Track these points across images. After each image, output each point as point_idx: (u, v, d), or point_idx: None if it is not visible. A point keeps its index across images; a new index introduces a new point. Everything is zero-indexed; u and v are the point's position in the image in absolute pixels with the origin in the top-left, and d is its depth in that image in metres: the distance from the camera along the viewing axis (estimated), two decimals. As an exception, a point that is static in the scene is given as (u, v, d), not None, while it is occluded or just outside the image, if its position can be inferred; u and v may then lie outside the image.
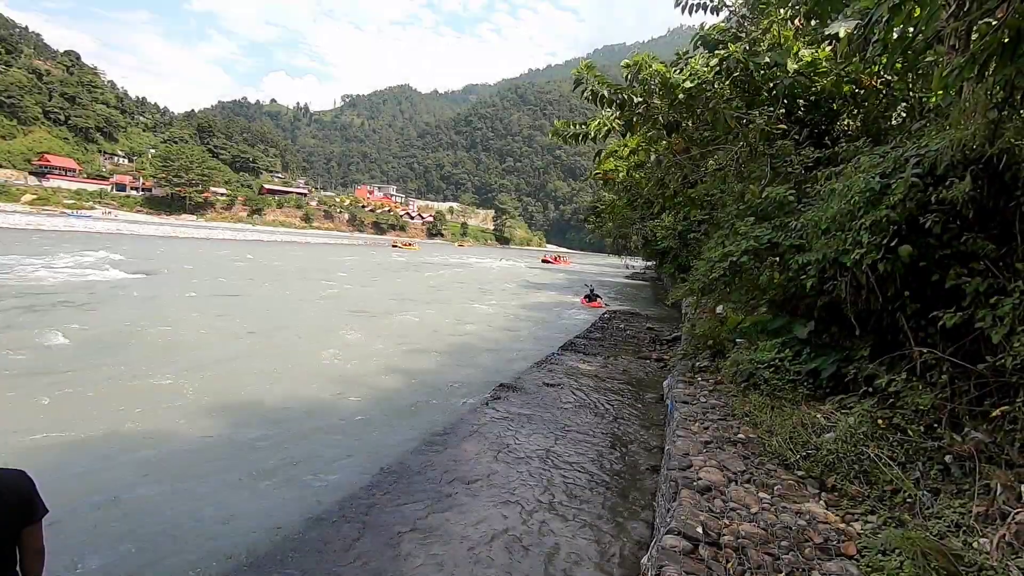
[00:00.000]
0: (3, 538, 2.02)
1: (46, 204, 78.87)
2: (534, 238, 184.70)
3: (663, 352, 12.71)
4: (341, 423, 7.43)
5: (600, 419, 7.83)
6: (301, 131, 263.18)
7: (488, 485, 5.52)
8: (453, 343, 13.54)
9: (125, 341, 11.09)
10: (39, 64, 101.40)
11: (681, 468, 3.92)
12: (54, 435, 6.28)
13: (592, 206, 41.71)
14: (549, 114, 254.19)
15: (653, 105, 9.28)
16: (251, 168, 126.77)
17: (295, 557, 4.19)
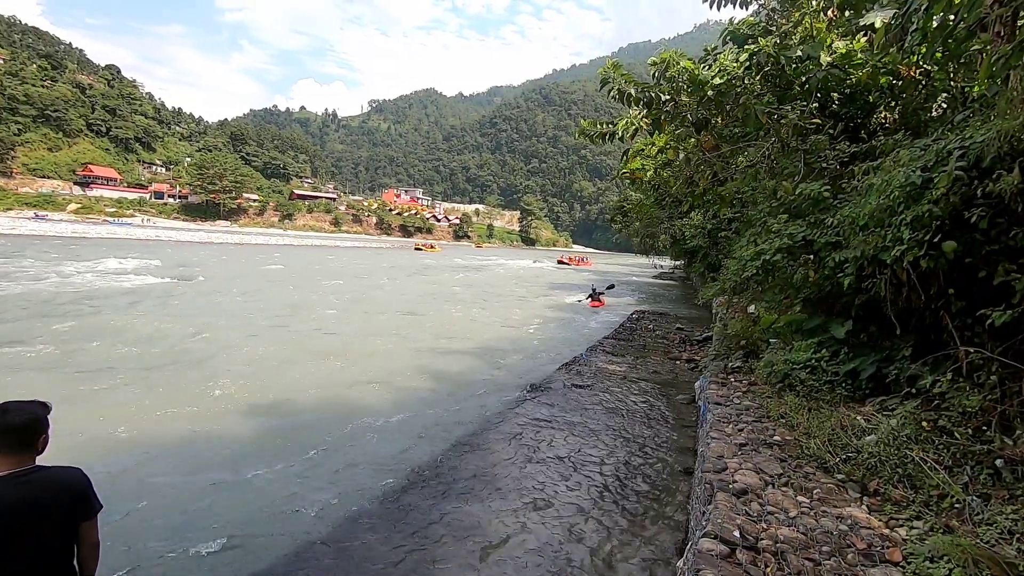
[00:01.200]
0: (62, 533, 2.12)
1: (90, 212, 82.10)
2: (560, 239, 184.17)
3: (693, 353, 12.53)
4: (374, 423, 7.54)
5: (630, 420, 7.76)
6: (329, 137, 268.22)
7: (519, 486, 5.52)
8: (481, 345, 13.60)
9: (166, 342, 11.47)
10: (82, 78, 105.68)
11: (716, 471, 3.86)
12: (106, 433, 6.53)
13: (619, 206, 41.34)
14: (574, 114, 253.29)
15: (681, 103, 9.15)
16: (282, 174, 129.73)
17: (335, 553, 4.26)
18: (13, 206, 74.59)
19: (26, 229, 54.33)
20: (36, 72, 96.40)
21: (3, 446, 2.00)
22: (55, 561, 2.12)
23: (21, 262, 25.56)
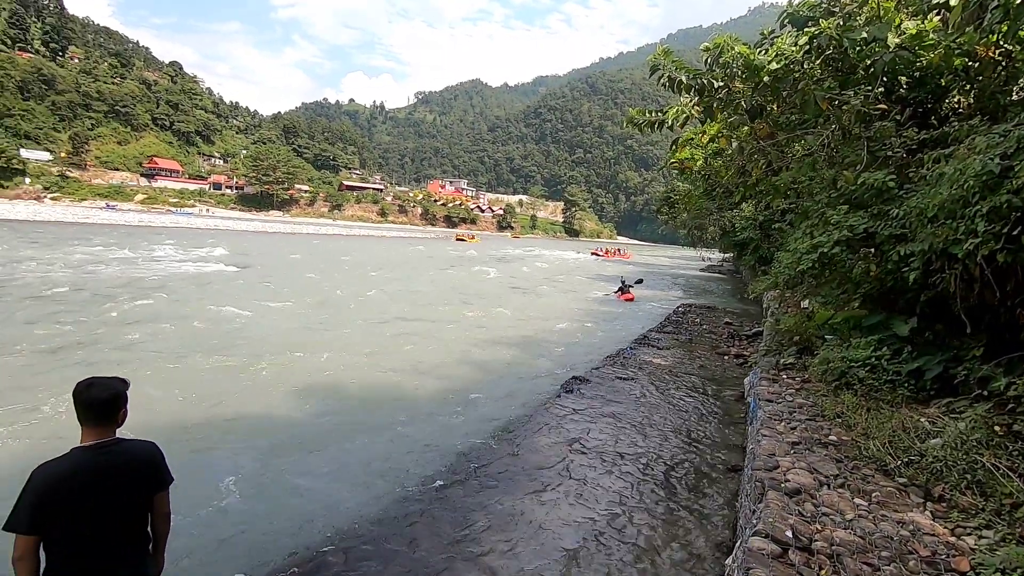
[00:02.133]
0: (139, 502, 2.27)
1: (155, 203, 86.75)
2: (604, 230, 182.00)
3: (742, 348, 12.18)
4: (418, 410, 7.71)
5: (675, 415, 7.63)
6: (377, 128, 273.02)
7: (561, 477, 5.53)
8: (523, 335, 13.64)
9: (228, 326, 12.04)
10: (148, 75, 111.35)
11: (767, 469, 3.75)
12: (168, 413, 6.94)
13: (665, 196, 40.42)
14: (621, 103, 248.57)
15: (735, 89, 8.83)
16: (331, 166, 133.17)
17: (379, 536, 4.39)
18: (87, 196, 79.61)
19: (99, 218, 58.01)
20: (107, 70, 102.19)
21: (89, 418, 2.15)
22: (134, 527, 2.27)
23: (97, 250, 27.32)
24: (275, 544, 4.29)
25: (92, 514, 2.10)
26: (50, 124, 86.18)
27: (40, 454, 2.29)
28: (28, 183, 74.97)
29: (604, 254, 62.60)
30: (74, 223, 50.24)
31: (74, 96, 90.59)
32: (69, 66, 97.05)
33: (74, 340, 10.19)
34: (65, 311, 12.56)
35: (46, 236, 33.57)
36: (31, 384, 7.64)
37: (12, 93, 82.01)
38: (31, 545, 2.02)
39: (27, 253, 23.57)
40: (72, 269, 19.69)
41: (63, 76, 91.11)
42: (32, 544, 2.02)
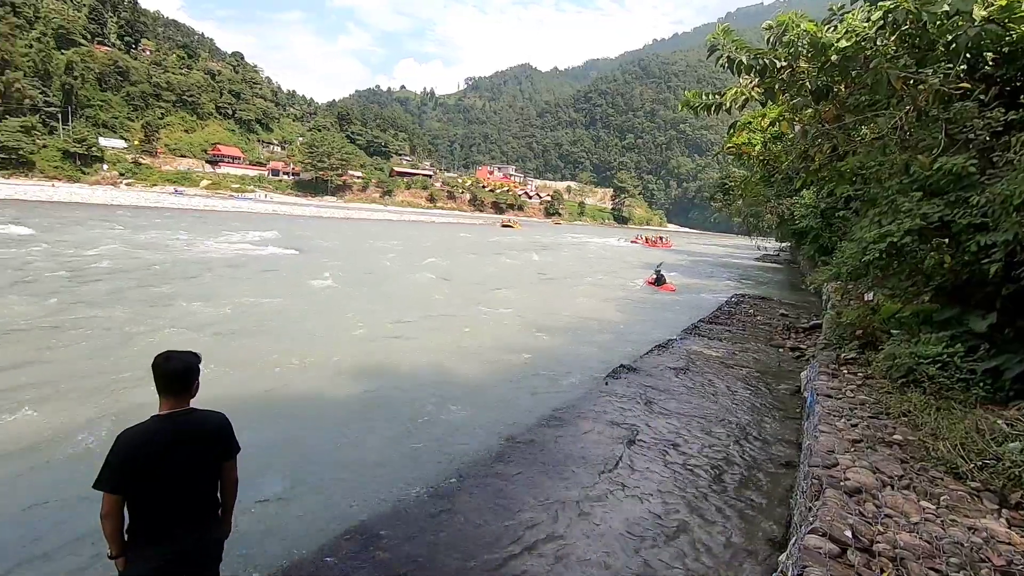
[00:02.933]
0: (210, 469, 2.43)
1: (218, 188, 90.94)
2: (654, 217, 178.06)
3: (799, 341, 11.71)
4: (464, 393, 7.83)
5: (726, 407, 7.45)
6: (427, 115, 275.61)
7: (607, 465, 5.51)
8: (569, 322, 13.59)
9: (282, 308, 12.57)
10: (212, 65, 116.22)
11: (825, 466, 3.61)
12: (228, 387, 7.32)
13: (720, 183, 39.03)
14: (674, 86, 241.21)
15: (799, 69, 8.38)
16: (383, 152, 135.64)
17: (427, 515, 4.52)
18: (158, 182, 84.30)
19: (168, 203, 61.43)
20: (175, 61, 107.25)
21: (166, 389, 2.31)
22: (205, 491, 2.44)
23: (166, 232, 28.99)
24: (327, 519, 4.47)
25: (168, 477, 2.26)
26: (125, 114, 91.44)
27: (124, 421, 2.46)
28: (106, 169, 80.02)
29: (644, 242, 58.51)
30: (146, 207, 53.43)
31: (146, 87, 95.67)
32: (141, 58, 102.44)
33: (150, 315, 10.88)
34: (137, 288, 13.42)
35: (123, 219, 35.84)
36: (112, 355, 8.22)
37: (92, 85, 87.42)
38: (116, 503, 2.20)
39: (112, 234, 25.27)
40: (146, 250, 20.98)
41: (136, 68, 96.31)
42: (117, 502, 2.20)
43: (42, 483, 4.78)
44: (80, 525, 4.02)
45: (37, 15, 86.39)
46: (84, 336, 9.22)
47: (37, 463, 5.11)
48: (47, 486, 4.71)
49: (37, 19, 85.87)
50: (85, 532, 3.91)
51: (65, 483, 4.69)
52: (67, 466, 5.05)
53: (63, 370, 7.53)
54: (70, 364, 7.81)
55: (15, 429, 5.70)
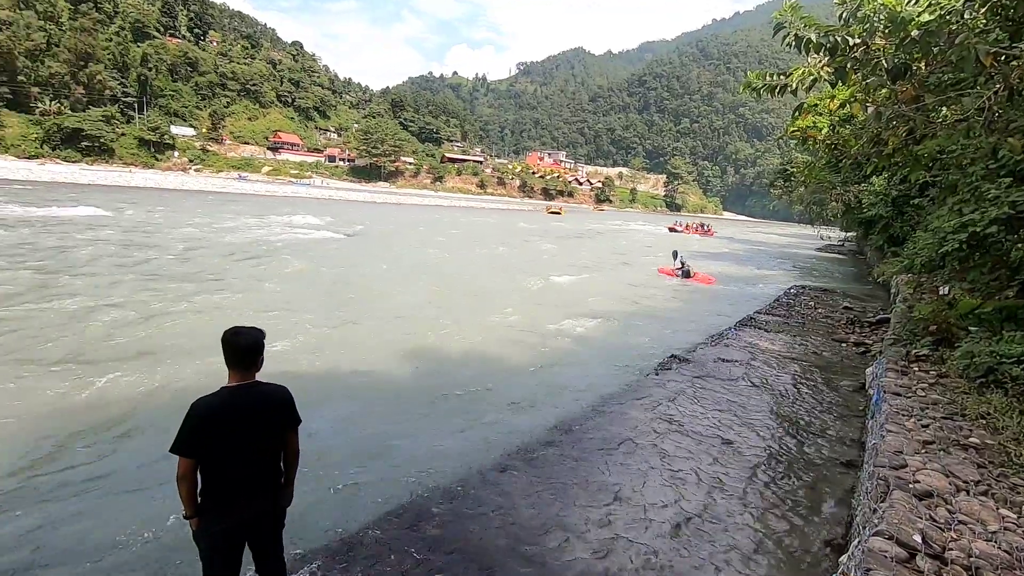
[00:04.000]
0: (274, 438, 2.57)
1: (278, 174, 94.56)
2: (709, 204, 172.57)
3: (864, 336, 11.13)
4: (512, 378, 7.89)
5: (782, 402, 7.19)
6: (478, 101, 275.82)
7: (656, 455, 5.44)
8: (619, 310, 13.42)
9: (336, 290, 13.00)
10: (274, 55, 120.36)
11: (892, 467, 3.44)
12: (289, 363, 7.66)
13: (781, 169, 37.36)
14: (734, 68, 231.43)
15: (875, 47, 7.85)
16: (434, 138, 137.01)
17: (477, 495, 4.60)
18: (223, 168, 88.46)
19: (232, 188, 64.53)
20: (240, 51, 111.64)
21: (234, 362, 2.45)
22: (269, 459, 2.58)
23: (232, 216, 30.47)
24: (379, 494, 4.62)
25: (235, 445, 2.41)
26: (194, 103, 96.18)
27: (198, 390, 2.62)
28: (177, 156, 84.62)
29: (684, 229, 53.67)
30: (213, 192, 56.25)
31: (213, 77, 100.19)
32: (209, 49, 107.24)
33: (221, 292, 11.50)
34: (208, 266, 14.20)
35: (192, 203, 37.90)
36: (183, 327, 8.76)
37: (164, 75, 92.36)
38: (190, 467, 2.36)
39: (184, 217, 26.81)
40: (215, 232, 22.14)
41: (204, 58, 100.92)
42: (190, 466, 2.37)
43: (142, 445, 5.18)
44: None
45: (116, 10, 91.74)
46: (164, 309, 9.84)
47: (137, 422, 5.53)
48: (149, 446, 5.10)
49: (116, 14, 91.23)
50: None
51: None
52: (153, 429, 5.44)
53: (144, 340, 8.08)
54: (147, 336, 8.37)
55: (120, 389, 6.18)
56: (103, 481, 4.58)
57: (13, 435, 5.18)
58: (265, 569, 2.69)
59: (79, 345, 7.80)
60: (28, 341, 7.78)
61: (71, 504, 4.22)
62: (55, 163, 67.01)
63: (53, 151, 69.62)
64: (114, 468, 4.78)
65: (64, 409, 5.83)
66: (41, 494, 4.32)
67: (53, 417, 5.62)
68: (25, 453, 4.89)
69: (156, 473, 4.57)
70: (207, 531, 2.45)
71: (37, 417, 5.59)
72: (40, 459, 4.83)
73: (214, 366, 6.57)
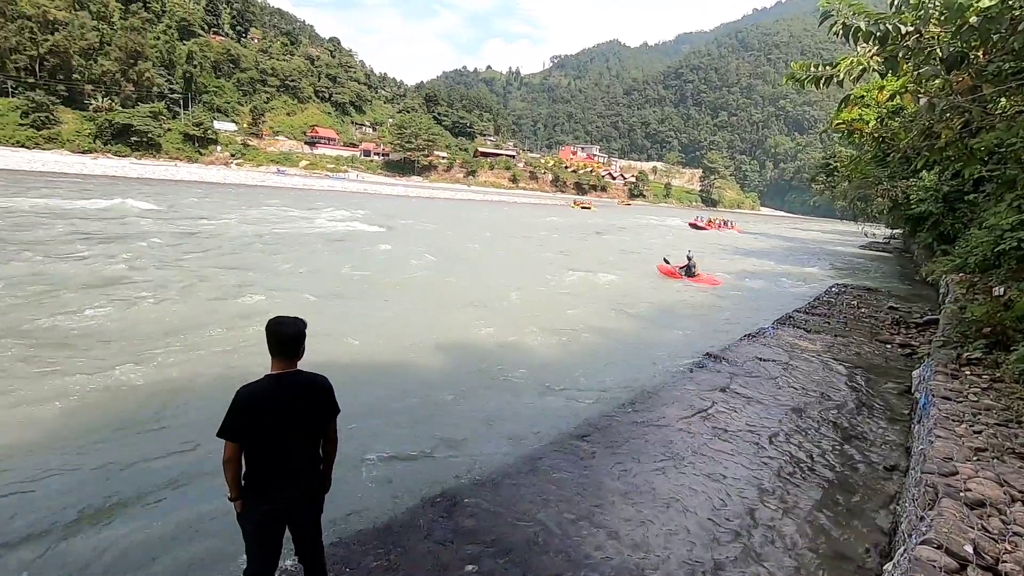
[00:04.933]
0: (315, 425, 2.63)
1: (315, 168, 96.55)
2: (746, 200, 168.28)
3: (910, 337, 10.71)
4: (545, 371, 7.88)
5: (822, 403, 6.99)
6: (512, 95, 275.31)
7: (692, 455, 5.37)
8: (653, 305, 13.25)
9: (372, 281, 13.23)
10: (312, 51, 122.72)
11: (942, 474, 3.31)
12: (328, 352, 7.83)
13: (823, 163, 36.10)
14: (775, 59, 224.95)
15: (929, 34, 7.50)
16: (467, 133, 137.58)
17: (511, 489, 4.63)
18: (263, 163, 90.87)
19: (271, 182, 66.21)
20: (280, 48, 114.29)
21: (278, 351, 2.52)
22: (310, 446, 2.66)
23: (272, 209, 31.29)
24: (415, 483, 4.70)
25: (277, 431, 2.49)
26: (235, 99, 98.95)
27: (243, 377, 2.71)
28: (219, 151, 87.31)
29: (705, 225, 50.12)
30: (253, 185, 57.85)
31: (254, 73, 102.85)
32: (250, 46, 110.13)
33: (264, 282, 11.86)
34: (248, 258, 14.63)
35: (233, 196, 39.07)
36: (226, 313, 9.06)
37: (208, 72, 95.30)
38: (235, 451, 2.45)
39: (225, 210, 27.71)
40: (255, 225, 22.78)
41: (245, 55, 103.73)
42: (235, 450, 2.45)
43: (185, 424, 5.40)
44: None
45: (163, 9, 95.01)
46: (207, 298, 10.21)
47: (183, 404, 5.77)
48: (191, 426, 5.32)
49: (164, 13, 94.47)
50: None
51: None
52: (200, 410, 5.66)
53: (192, 323, 8.40)
54: (194, 319, 8.69)
55: (172, 372, 6.47)
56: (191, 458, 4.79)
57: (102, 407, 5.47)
58: (303, 552, 2.78)
59: (136, 330, 8.16)
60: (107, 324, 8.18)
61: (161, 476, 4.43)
62: (107, 157, 70.00)
63: (105, 146, 72.80)
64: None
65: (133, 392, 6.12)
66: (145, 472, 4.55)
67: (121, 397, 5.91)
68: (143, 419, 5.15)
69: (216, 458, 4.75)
70: (250, 513, 2.54)
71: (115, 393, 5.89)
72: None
73: (258, 354, 6.79)
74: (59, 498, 4.14)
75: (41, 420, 5.33)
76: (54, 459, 4.67)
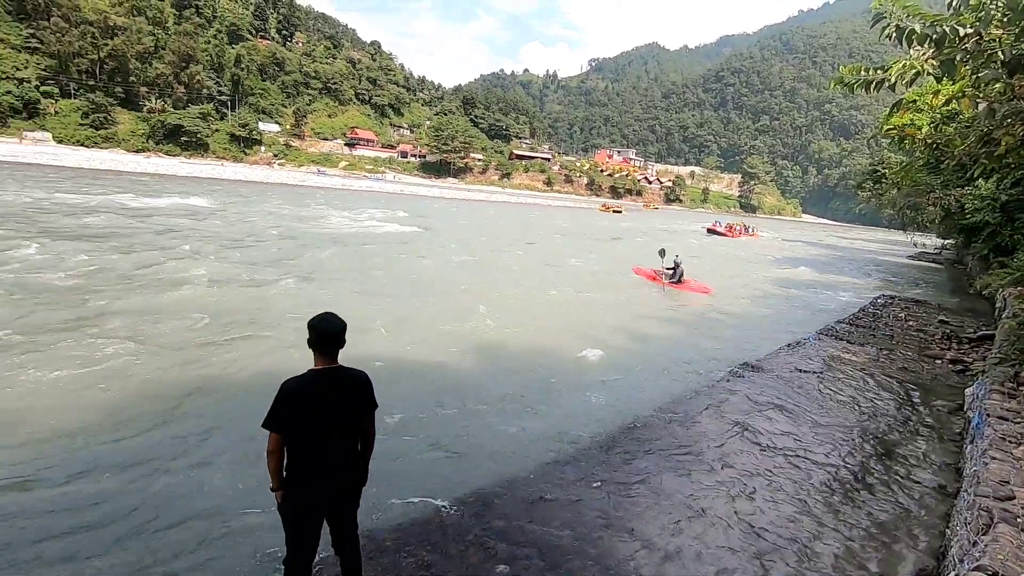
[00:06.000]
0: (355, 419, 2.70)
1: (353, 169, 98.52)
2: (787, 206, 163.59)
3: (962, 353, 10.22)
4: (578, 376, 7.85)
5: (866, 419, 6.74)
6: (548, 98, 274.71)
7: (727, 466, 5.25)
8: (690, 313, 13.04)
9: (409, 281, 13.42)
10: (353, 54, 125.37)
11: (997, 497, 3.15)
12: (369, 347, 7.98)
13: (871, 170, 34.74)
14: (821, 62, 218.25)
15: (990, 36, 7.17)
16: (503, 135, 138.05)
17: (542, 489, 4.63)
18: (304, 163, 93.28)
19: (311, 182, 67.97)
20: (322, 52, 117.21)
21: (321, 347, 2.60)
22: (349, 440, 2.73)
23: (312, 209, 32.10)
24: (446, 478, 4.75)
25: (318, 425, 2.57)
26: (280, 101, 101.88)
27: (287, 371, 2.80)
28: (263, 151, 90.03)
29: (725, 230, 46.19)
30: (293, 185, 59.45)
31: (297, 76, 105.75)
32: (295, 50, 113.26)
33: (308, 279, 12.19)
34: (291, 254, 15.05)
35: (276, 195, 40.24)
36: (274, 310, 9.35)
37: (254, 75, 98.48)
38: (278, 442, 2.54)
39: (269, 209, 28.61)
40: (299, 222, 23.43)
41: (290, 59, 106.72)
42: (279, 441, 2.54)
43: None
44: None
45: (214, 14, 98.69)
46: (257, 292, 10.56)
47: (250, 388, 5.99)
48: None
49: (214, 18, 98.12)
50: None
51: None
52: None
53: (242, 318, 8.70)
54: (250, 314, 9.00)
55: (230, 359, 6.72)
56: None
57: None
58: (340, 543, 2.84)
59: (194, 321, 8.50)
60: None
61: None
62: (159, 156, 73.08)
63: (157, 145, 75.98)
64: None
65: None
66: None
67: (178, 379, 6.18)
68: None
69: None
70: (290, 504, 2.62)
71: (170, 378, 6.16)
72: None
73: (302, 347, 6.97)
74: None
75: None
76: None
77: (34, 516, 3.85)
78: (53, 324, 7.85)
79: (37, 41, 71.42)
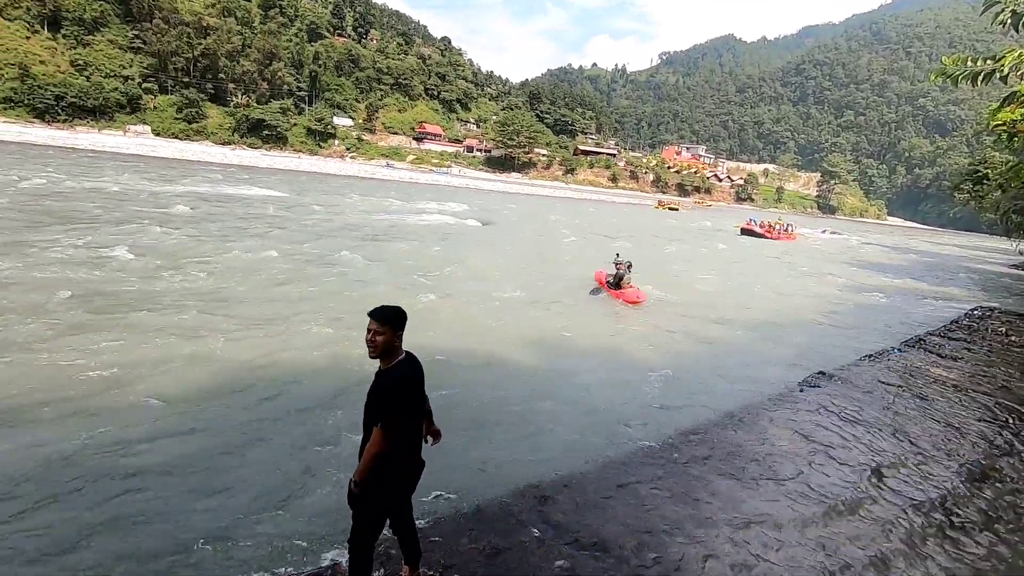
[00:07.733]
0: (421, 403, 2.78)
1: (421, 163, 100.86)
2: (870, 208, 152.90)
3: (1075, 373, 9.22)
4: (639, 378, 7.71)
5: (960, 440, 6.21)
6: (616, 92, 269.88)
7: (797, 478, 5.00)
8: (761, 318, 12.49)
9: (475, 274, 13.63)
10: (424, 50, 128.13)
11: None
12: (428, 340, 8.17)
13: (971, 170, 31.95)
14: (916, 53, 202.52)
15: None
16: (569, 130, 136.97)
17: (601, 488, 4.58)
18: (374, 156, 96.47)
19: (380, 174, 70.26)
20: (395, 48, 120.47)
21: (402, 334, 2.65)
22: (421, 421, 2.80)
23: (384, 200, 33.22)
24: (504, 469, 4.79)
25: (413, 410, 2.68)
26: (353, 96, 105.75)
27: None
28: (337, 144, 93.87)
29: (763, 230, 39.94)
30: (364, 177, 61.70)
31: (371, 72, 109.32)
32: (369, 47, 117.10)
33: (374, 267, 12.66)
34: (366, 245, 15.65)
35: (350, 187, 41.91)
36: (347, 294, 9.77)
37: (331, 71, 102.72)
38: (391, 441, 2.56)
39: (346, 201, 29.87)
40: (371, 213, 24.34)
41: (364, 55, 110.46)
42: (390, 440, 2.58)
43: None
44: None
45: (296, 14, 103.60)
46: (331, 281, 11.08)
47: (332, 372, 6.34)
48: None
49: (296, 17, 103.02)
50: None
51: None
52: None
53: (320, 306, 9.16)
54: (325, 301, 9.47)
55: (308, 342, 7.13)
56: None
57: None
58: (400, 527, 2.90)
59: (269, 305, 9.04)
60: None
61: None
62: (243, 149, 77.83)
63: (241, 138, 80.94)
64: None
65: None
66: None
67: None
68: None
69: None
70: (376, 488, 2.58)
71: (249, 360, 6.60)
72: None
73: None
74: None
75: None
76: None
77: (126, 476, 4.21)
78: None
79: (140, 41, 77.87)
